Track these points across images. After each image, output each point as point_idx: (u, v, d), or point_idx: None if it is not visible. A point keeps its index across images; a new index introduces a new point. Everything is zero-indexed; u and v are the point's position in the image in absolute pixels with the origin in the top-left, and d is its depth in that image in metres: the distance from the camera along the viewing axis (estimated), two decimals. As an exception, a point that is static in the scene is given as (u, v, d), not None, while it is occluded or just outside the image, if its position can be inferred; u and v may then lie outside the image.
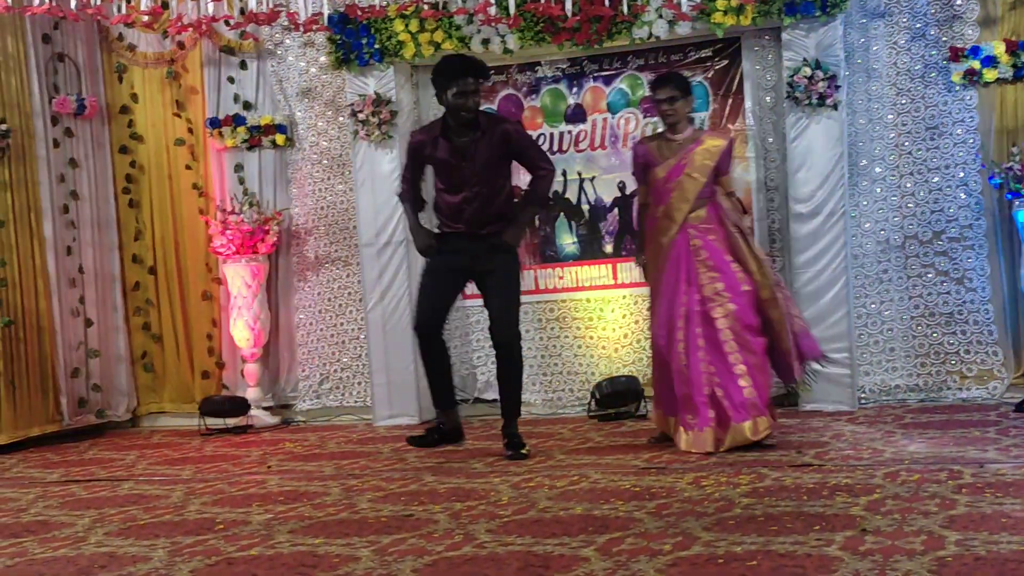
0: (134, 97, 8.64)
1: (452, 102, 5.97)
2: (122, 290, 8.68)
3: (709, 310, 5.87)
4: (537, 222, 7.90)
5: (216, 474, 6.25)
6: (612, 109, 7.80)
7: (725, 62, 7.60)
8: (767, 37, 7.47)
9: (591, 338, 7.88)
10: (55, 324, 8.08)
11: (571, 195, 7.90)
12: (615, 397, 7.46)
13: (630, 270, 7.58)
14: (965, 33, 7.15)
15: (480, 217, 6.07)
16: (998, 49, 6.96)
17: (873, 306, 7.36)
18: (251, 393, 8.26)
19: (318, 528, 4.60)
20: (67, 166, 8.34)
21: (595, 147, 7.84)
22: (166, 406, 8.75)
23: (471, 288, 6.44)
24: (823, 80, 7.04)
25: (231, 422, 8.01)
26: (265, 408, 8.32)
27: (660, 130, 6.26)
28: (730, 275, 5.89)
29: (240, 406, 8.09)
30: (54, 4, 6.44)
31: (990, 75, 7.00)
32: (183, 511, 5.16)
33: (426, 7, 7.23)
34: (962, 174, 7.18)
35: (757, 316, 5.89)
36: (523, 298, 6.34)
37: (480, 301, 6.52)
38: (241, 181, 8.44)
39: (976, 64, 7.03)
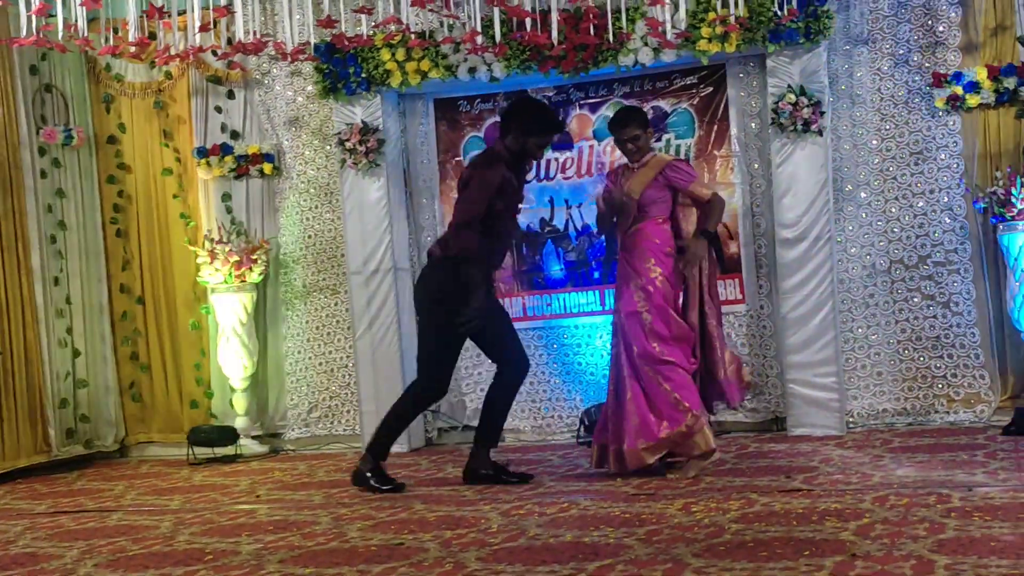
0: (121, 127, 8.65)
1: (530, 149, 6.17)
2: (110, 320, 8.66)
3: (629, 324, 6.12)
4: (524, 248, 7.95)
5: (205, 504, 6.23)
6: (598, 136, 7.82)
7: (710, 89, 7.65)
8: (752, 64, 7.52)
9: (579, 364, 7.88)
10: (43, 355, 8.05)
11: (558, 222, 7.93)
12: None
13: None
14: (947, 59, 7.21)
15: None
16: (980, 75, 7.02)
17: (860, 331, 7.38)
18: (240, 422, 8.24)
19: (308, 558, 4.59)
20: (55, 196, 8.34)
21: (582, 174, 7.87)
22: (154, 436, 8.71)
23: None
24: (808, 106, 7.09)
25: (220, 451, 7.99)
26: (254, 437, 8.30)
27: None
28: (628, 292, 6.10)
29: (229, 435, 8.07)
30: (41, 35, 6.45)
31: (973, 100, 7.06)
32: (172, 542, 5.15)
33: (412, 36, 7.24)
34: (947, 199, 7.23)
35: (678, 330, 6.05)
36: (514, 324, 6.53)
37: None
38: (229, 210, 8.45)
39: (959, 90, 7.08)
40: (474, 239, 5.98)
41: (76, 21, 6.22)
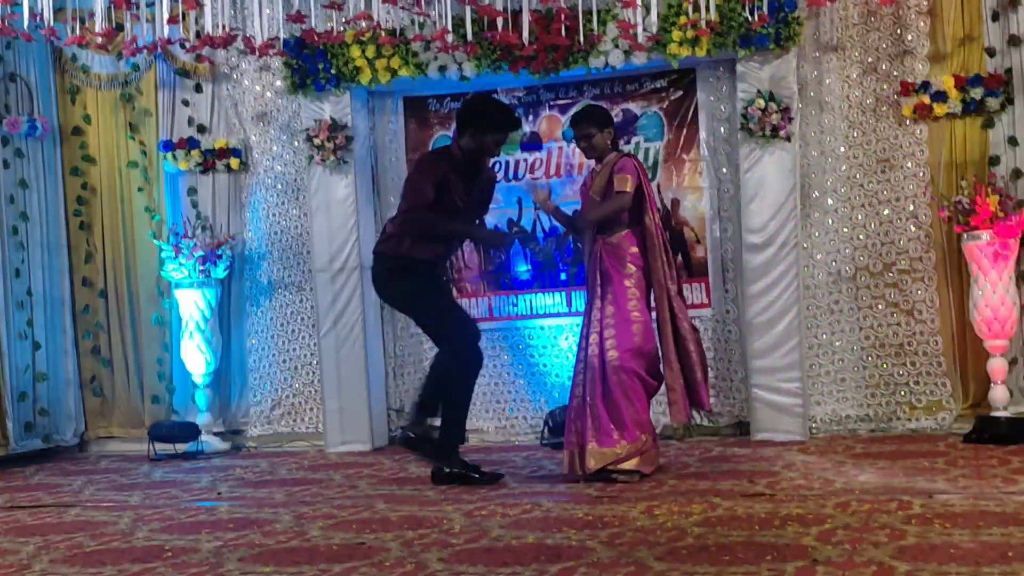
0: (87, 118, 8.57)
1: (487, 146, 6.12)
2: (72, 313, 8.57)
3: (602, 332, 5.99)
4: (491, 249, 7.93)
5: (165, 500, 6.18)
6: (568, 138, 7.81)
7: (680, 93, 7.66)
8: (722, 69, 7.53)
9: (544, 366, 7.87)
10: (2, 347, 7.95)
11: (526, 222, 7.91)
12: (568, 425, 7.44)
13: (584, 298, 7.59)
14: (916, 68, 7.25)
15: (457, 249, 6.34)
16: (948, 84, 7.07)
17: (824, 336, 7.41)
18: (202, 418, 8.18)
19: (268, 556, 4.56)
20: (17, 187, 8.24)
21: (550, 175, 7.87)
22: (115, 431, 8.63)
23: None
24: (776, 112, 7.11)
25: (181, 447, 7.93)
26: (216, 434, 8.24)
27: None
28: (623, 304, 5.97)
29: (190, 431, 8.01)
30: (6, 24, 6.38)
31: (940, 110, 7.10)
32: (131, 538, 5.10)
33: (383, 33, 7.22)
34: (912, 207, 7.27)
35: (645, 345, 5.96)
36: (480, 325, 6.51)
37: None
38: (194, 205, 8.39)
39: (926, 99, 7.13)
40: (428, 218, 6.03)
41: (42, 10, 6.15)
